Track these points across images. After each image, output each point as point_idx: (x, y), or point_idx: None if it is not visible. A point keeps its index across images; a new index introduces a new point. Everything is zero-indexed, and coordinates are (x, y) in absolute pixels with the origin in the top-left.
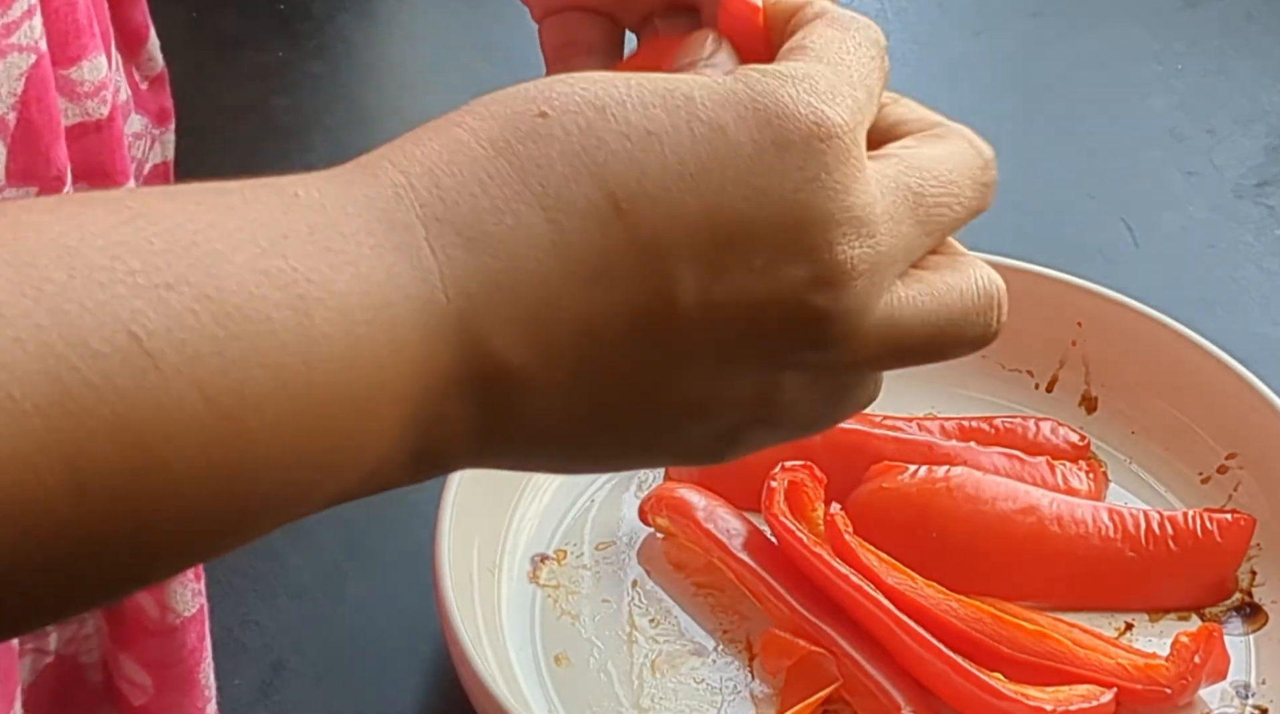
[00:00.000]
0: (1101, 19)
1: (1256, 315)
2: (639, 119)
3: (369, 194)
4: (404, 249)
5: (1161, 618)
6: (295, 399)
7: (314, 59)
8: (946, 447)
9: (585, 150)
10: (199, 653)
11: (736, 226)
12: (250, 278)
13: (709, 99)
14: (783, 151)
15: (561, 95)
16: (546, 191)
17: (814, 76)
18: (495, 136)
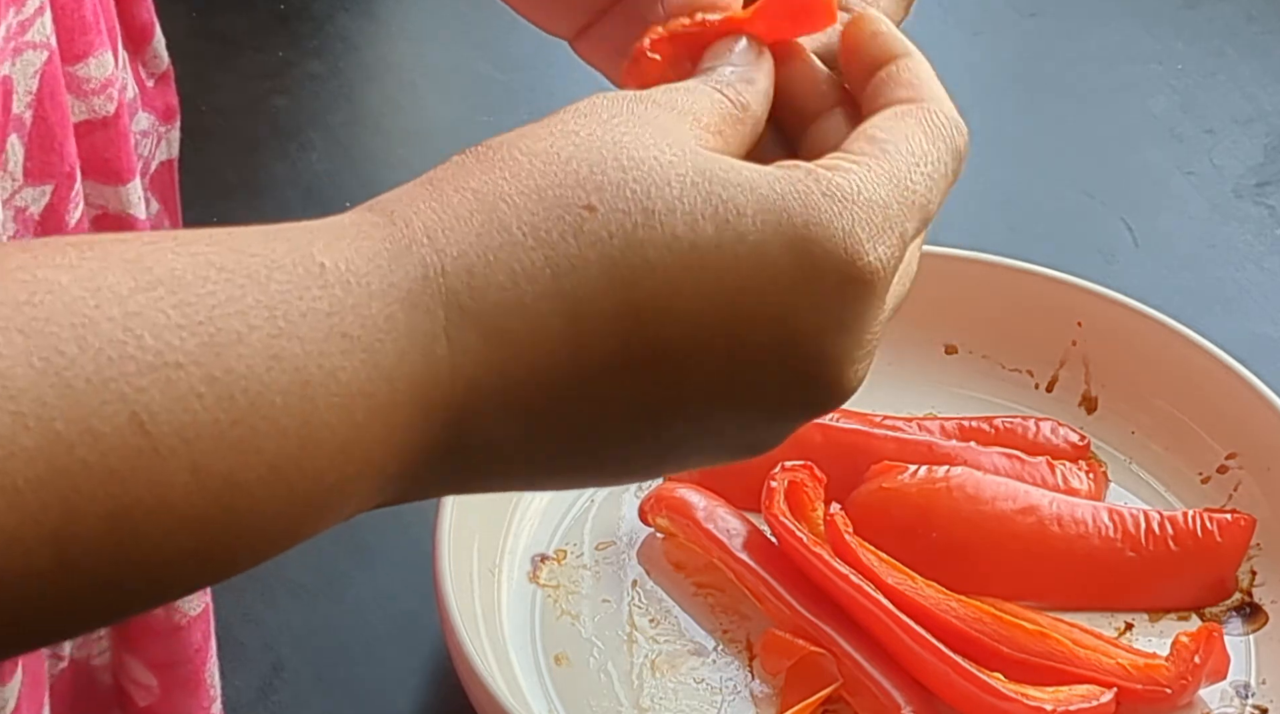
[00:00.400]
0: (1101, 19)
1: (1256, 315)
2: (685, 233)
3: (396, 273)
4: (420, 336)
5: (1161, 618)
6: (285, 483)
7: (314, 59)
8: (946, 447)
9: (624, 259)
10: (204, 653)
11: (756, 352)
12: (260, 362)
13: (759, 217)
14: (816, 285)
15: (612, 186)
16: (578, 297)
17: (872, 202)
18: (538, 224)
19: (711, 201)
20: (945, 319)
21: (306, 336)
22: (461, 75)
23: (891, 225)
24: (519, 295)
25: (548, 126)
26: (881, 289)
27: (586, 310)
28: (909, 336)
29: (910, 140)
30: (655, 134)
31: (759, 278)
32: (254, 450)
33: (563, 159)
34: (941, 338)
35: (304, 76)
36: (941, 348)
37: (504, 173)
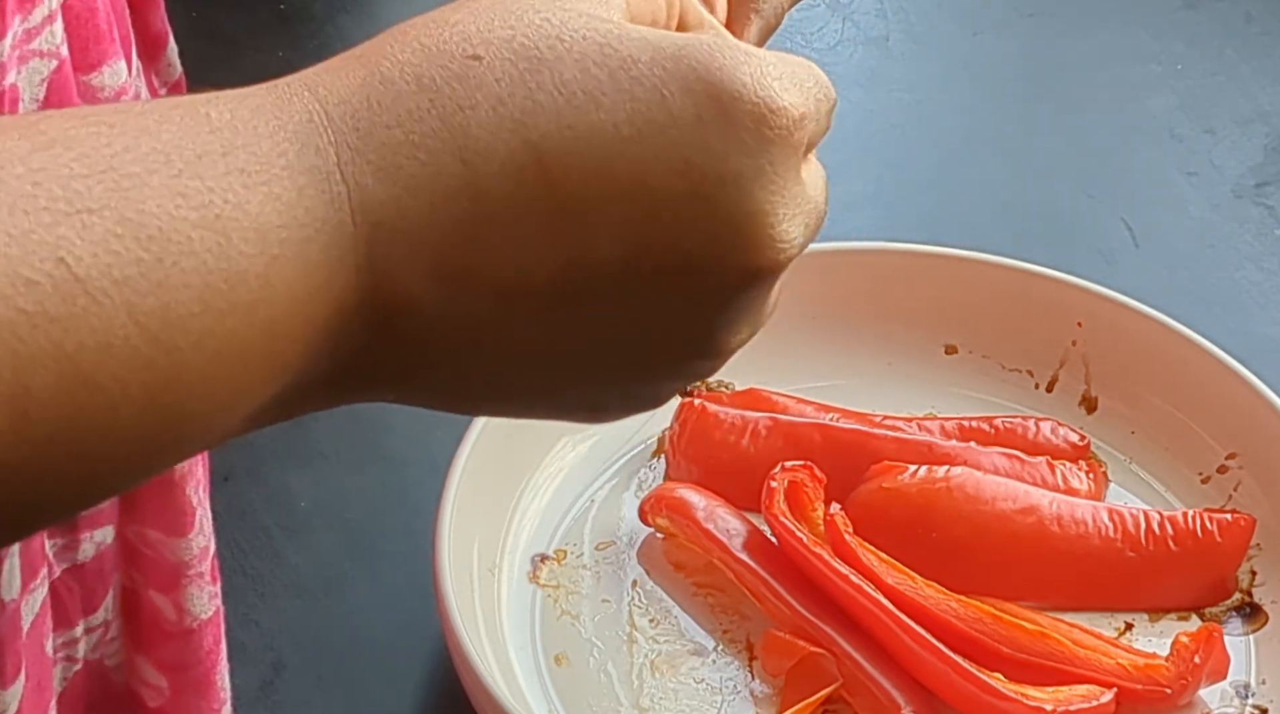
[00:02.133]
0: (1101, 19)
1: (1256, 315)
2: (575, 76)
3: (281, 117)
4: (315, 173)
5: (1161, 618)
6: (218, 317)
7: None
8: (946, 447)
9: (513, 98)
10: (215, 655)
11: (669, 204)
12: (168, 200)
13: (657, 64)
14: (726, 130)
15: (499, 40)
16: (467, 134)
17: (776, 61)
18: (421, 72)
19: (604, 51)
20: (945, 319)
21: (205, 174)
22: None
23: (799, 80)
24: (407, 135)
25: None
26: (799, 139)
27: (479, 149)
28: (909, 337)
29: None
30: (550, 4)
31: (660, 120)
32: (181, 285)
33: (450, 22)
34: (941, 338)
35: None
36: (941, 348)
37: (391, 39)
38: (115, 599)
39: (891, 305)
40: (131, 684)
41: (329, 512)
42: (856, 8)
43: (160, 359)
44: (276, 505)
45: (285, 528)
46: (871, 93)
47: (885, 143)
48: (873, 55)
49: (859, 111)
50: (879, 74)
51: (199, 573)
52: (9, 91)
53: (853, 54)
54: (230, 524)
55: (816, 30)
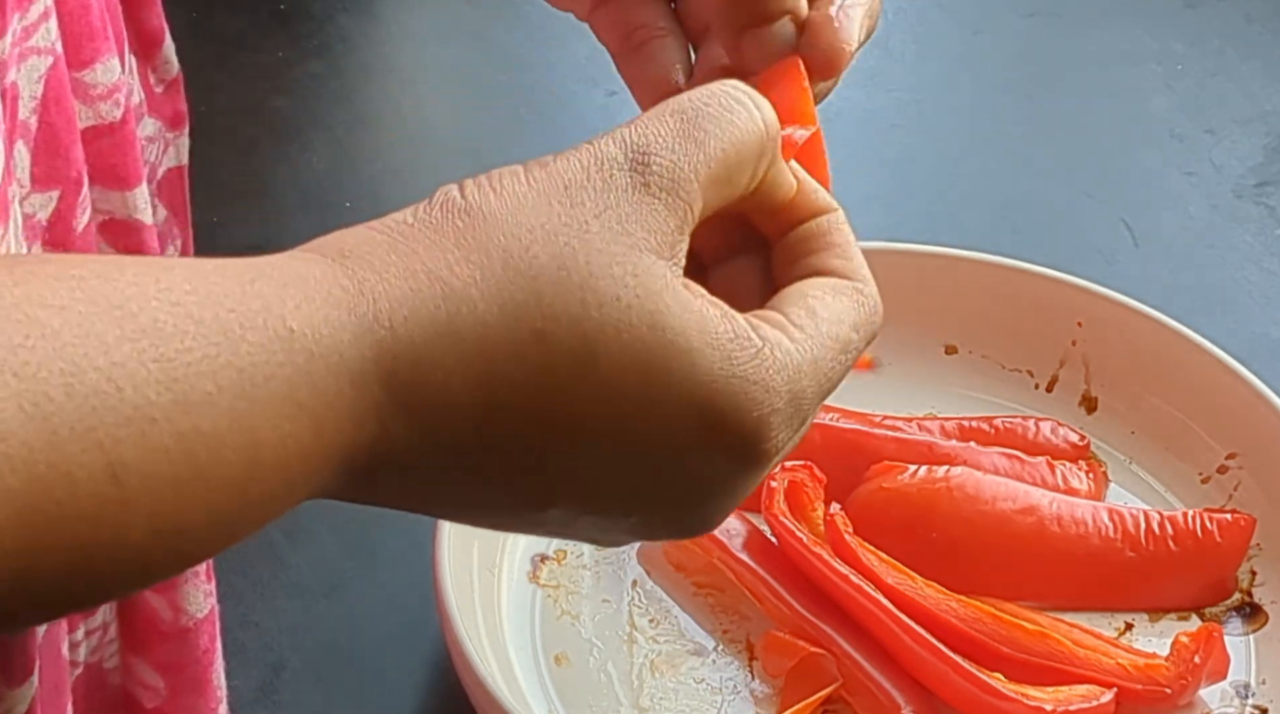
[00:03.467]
0: (1101, 19)
1: (1256, 315)
2: (611, 386)
3: (352, 351)
4: (358, 412)
5: (1161, 618)
6: (226, 528)
7: (314, 59)
8: (946, 447)
9: (549, 401)
10: (211, 654)
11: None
12: (225, 422)
13: (683, 388)
14: (713, 462)
15: (569, 317)
16: (495, 407)
17: (793, 393)
18: (489, 336)
19: (645, 359)
20: (945, 319)
21: (266, 401)
22: (461, 75)
23: (802, 413)
24: (451, 398)
25: (534, 194)
26: (770, 466)
27: (500, 422)
28: (909, 337)
29: (841, 323)
30: (624, 255)
31: (662, 438)
32: (204, 502)
33: (534, 268)
34: (941, 338)
35: (304, 76)
36: (941, 348)
37: (474, 264)
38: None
39: (891, 305)
40: (128, 686)
41: (329, 512)
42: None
43: (163, 558)
44: None
45: (285, 528)
46: (871, 93)
47: (885, 143)
48: (873, 55)
49: (859, 111)
50: (879, 74)
51: (194, 571)
52: (10, 89)
53: None
54: None
55: None
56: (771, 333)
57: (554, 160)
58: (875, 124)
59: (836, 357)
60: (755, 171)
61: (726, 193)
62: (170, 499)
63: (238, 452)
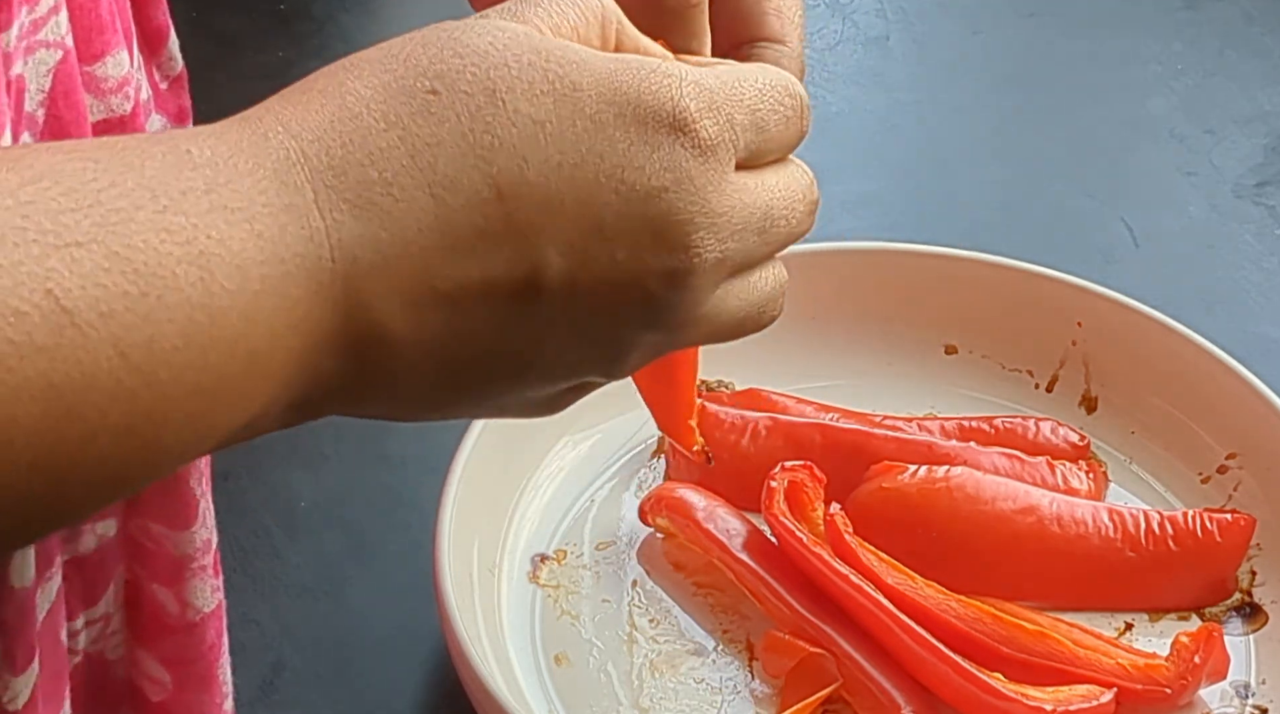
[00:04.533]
0: (1100, 19)
1: (1256, 315)
2: (527, 108)
3: (259, 155)
4: (294, 210)
5: (1161, 618)
6: (200, 352)
7: (314, 59)
8: (946, 447)
9: (474, 134)
10: (217, 649)
11: (606, 218)
12: (154, 235)
13: (594, 89)
14: (652, 149)
15: (452, 72)
16: (435, 171)
17: (702, 86)
18: (387, 109)
19: (549, 78)
20: (945, 319)
21: (190, 211)
22: None
23: (718, 108)
24: (380, 173)
25: (390, 41)
26: (721, 157)
27: (446, 184)
28: (909, 336)
29: (747, 68)
30: (491, 27)
31: (599, 148)
32: (166, 320)
33: (402, 56)
34: (941, 338)
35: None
36: (941, 348)
37: (348, 73)
38: (117, 593)
39: (891, 305)
40: (133, 678)
41: (329, 512)
42: (856, 8)
43: (142, 392)
44: (276, 505)
45: (285, 528)
46: (871, 93)
47: (885, 143)
48: (873, 55)
49: (859, 111)
50: (879, 74)
51: (201, 566)
52: (15, 82)
53: (853, 54)
54: (231, 523)
55: (817, 30)
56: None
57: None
58: (875, 124)
59: (744, 81)
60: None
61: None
62: (127, 319)
63: (181, 262)
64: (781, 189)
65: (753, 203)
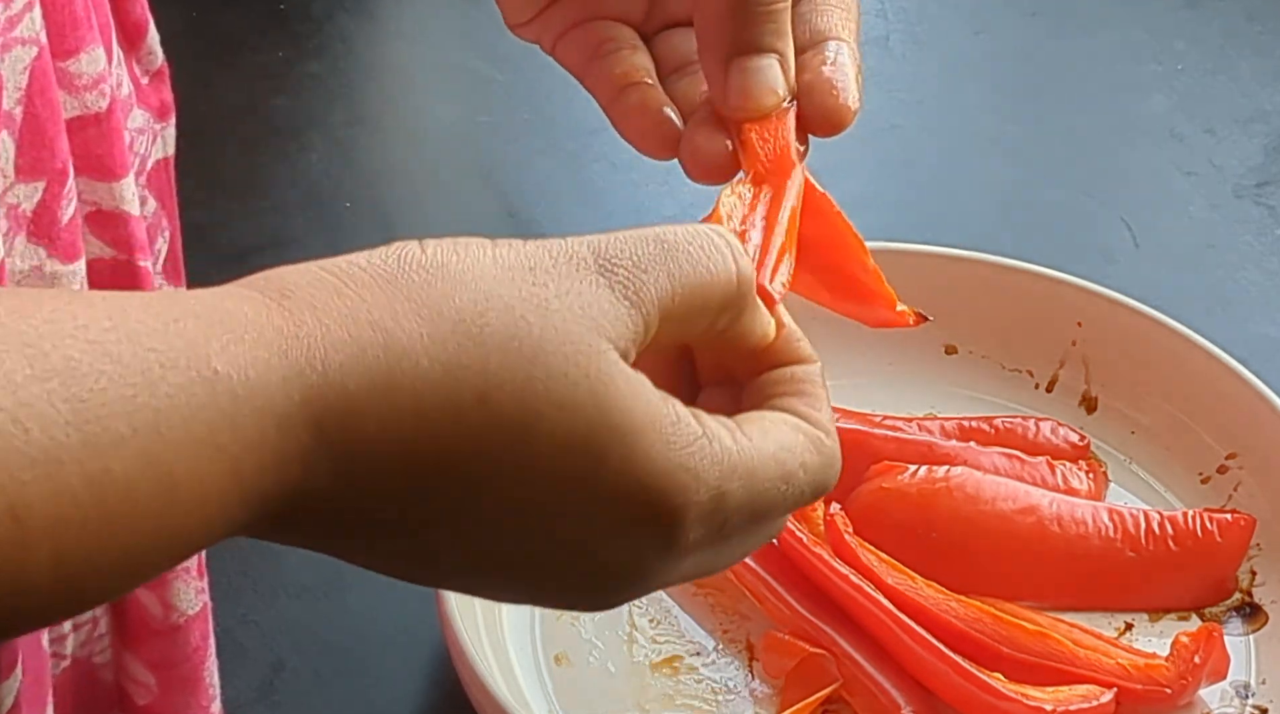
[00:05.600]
0: (1101, 19)
1: (1256, 315)
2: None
3: (280, 393)
4: (281, 456)
5: (1161, 618)
6: (134, 567)
7: (314, 59)
8: (946, 447)
9: (477, 467)
10: (203, 652)
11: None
12: (136, 465)
13: (621, 479)
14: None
15: (514, 386)
16: (424, 476)
17: (720, 493)
18: (426, 395)
19: (584, 436)
20: (945, 319)
21: (183, 443)
22: (461, 75)
23: (721, 516)
24: (381, 450)
25: (498, 268)
26: (678, 563)
27: (427, 480)
28: (909, 337)
29: (790, 453)
30: (579, 336)
31: (583, 515)
32: (113, 541)
33: (485, 333)
34: (941, 338)
35: (304, 76)
36: (941, 348)
37: (424, 319)
38: None
39: None
40: (120, 682)
41: None
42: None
43: (67, 597)
44: None
45: None
46: (871, 93)
47: (885, 143)
48: (873, 55)
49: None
50: (879, 74)
51: (185, 568)
52: None
53: None
54: None
55: None
56: (715, 427)
57: (523, 244)
58: (875, 124)
59: (775, 480)
60: (715, 322)
61: (680, 331)
62: (76, 540)
63: (151, 494)
64: (726, 557)
65: (688, 573)
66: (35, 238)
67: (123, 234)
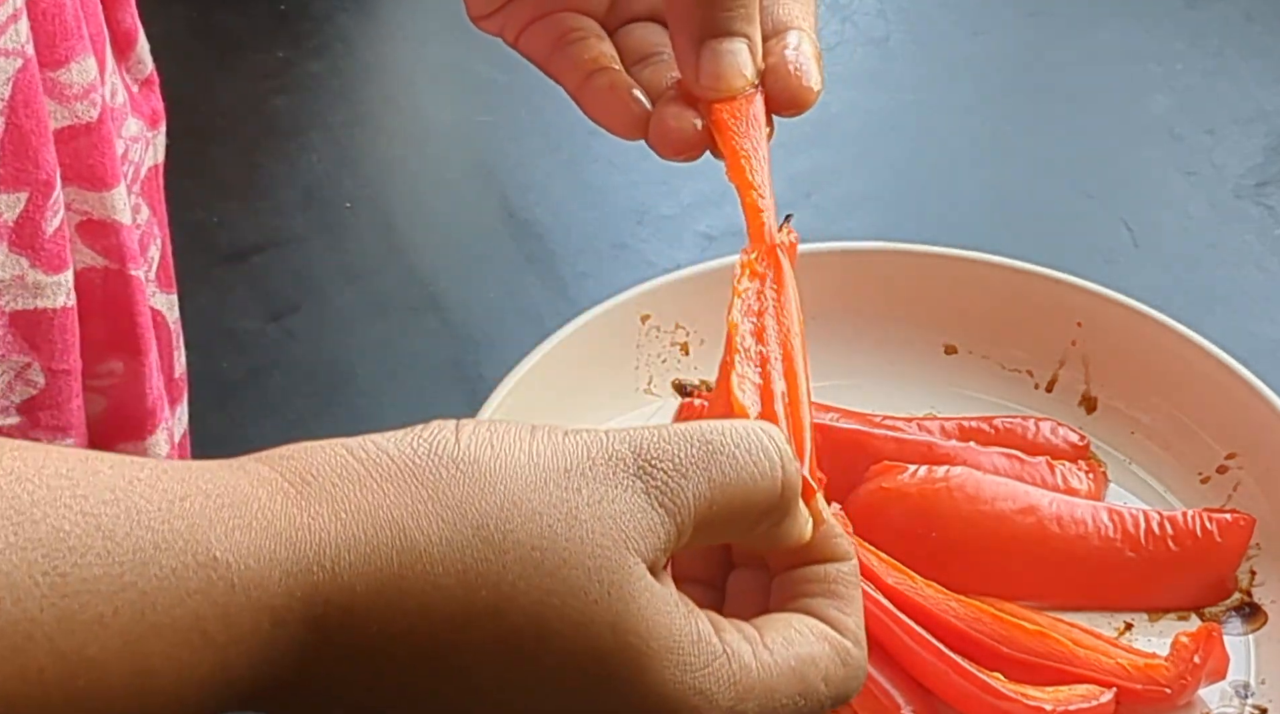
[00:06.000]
0: (1101, 19)
1: (1256, 315)
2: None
3: (281, 589)
4: (274, 651)
5: (1161, 618)
6: None
7: (314, 59)
8: (946, 447)
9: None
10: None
11: None
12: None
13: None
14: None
15: (528, 599)
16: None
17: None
18: (435, 608)
19: (596, 658)
20: (945, 319)
21: (168, 630)
22: (461, 75)
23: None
24: (382, 650)
25: (531, 468)
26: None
27: (425, 683)
28: (909, 336)
29: (813, 666)
30: (606, 550)
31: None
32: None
33: (507, 543)
34: (941, 338)
35: (304, 76)
36: (941, 348)
37: (445, 523)
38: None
39: (891, 305)
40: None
41: None
42: (856, 8)
43: None
44: None
45: None
46: (871, 93)
47: (885, 143)
48: (873, 55)
49: (859, 112)
50: (879, 74)
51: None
52: None
53: (853, 54)
54: None
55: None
56: (736, 643)
57: (562, 438)
58: (875, 124)
59: (793, 695)
60: (755, 527)
61: (716, 535)
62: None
63: (125, 680)
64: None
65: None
66: (18, 248)
67: (114, 243)
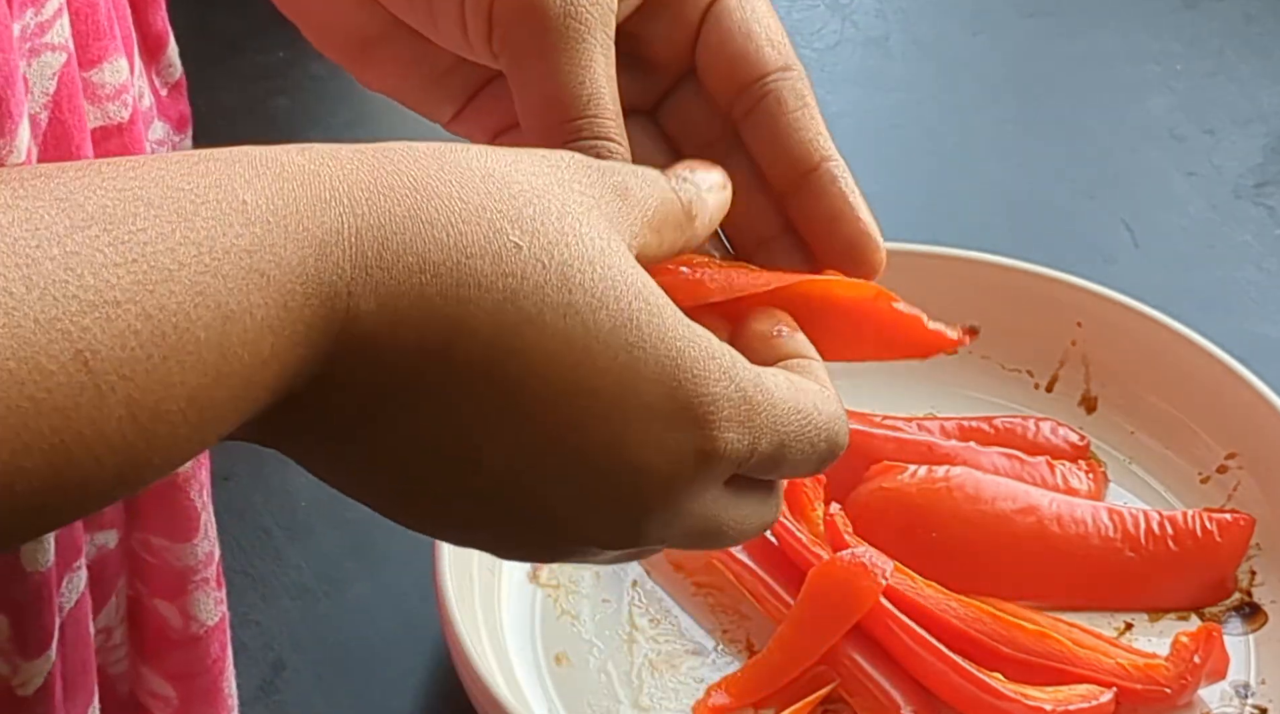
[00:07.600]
0: (1101, 19)
1: (1256, 315)
2: (580, 329)
3: (312, 219)
4: (325, 286)
5: (1161, 618)
6: (199, 411)
7: (314, 59)
8: (946, 447)
9: (519, 314)
10: (222, 662)
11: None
12: (189, 298)
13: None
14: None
15: (548, 238)
16: (463, 321)
17: (746, 395)
18: (465, 232)
19: (620, 297)
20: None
21: (229, 273)
22: None
23: (749, 425)
24: (421, 284)
25: (511, 157)
26: (720, 469)
27: (466, 342)
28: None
29: (806, 393)
30: (604, 215)
31: (618, 387)
32: (179, 382)
33: (512, 193)
34: None
35: (304, 77)
36: None
37: (454, 177)
38: (119, 607)
39: None
40: (137, 694)
41: (329, 512)
42: (856, 8)
43: (140, 446)
44: (276, 505)
45: (285, 528)
46: (871, 93)
47: (885, 143)
48: (873, 55)
49: (859, 112)
50: (879, 74)
51: (204, 578)
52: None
53: (853, 54)
54: (231, 524)
55: (816, 30)
56: (748, 365)
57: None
58: (875, 124)
59: (793, 410)
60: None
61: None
62: (145, 382)
63: (208, 328)
64: (744, 516)
65: (711, 518)
66: None
67: None
